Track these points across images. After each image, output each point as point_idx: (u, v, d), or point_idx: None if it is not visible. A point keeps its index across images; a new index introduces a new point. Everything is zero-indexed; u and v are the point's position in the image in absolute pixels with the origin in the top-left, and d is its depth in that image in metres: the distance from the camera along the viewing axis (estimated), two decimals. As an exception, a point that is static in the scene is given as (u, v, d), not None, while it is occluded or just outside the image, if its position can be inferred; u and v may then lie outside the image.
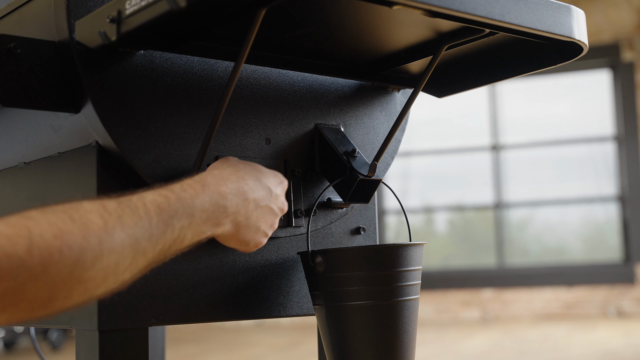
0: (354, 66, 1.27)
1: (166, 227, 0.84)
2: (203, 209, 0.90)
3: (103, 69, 1.03)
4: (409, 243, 1.14)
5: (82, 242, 0.72)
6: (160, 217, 0.83)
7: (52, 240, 0.69)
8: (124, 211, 0.79)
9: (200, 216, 0.90)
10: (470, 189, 7.50)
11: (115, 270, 0.77)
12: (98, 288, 0.76)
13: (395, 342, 1.13)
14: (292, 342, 5.61)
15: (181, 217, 0.87)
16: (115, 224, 0.77)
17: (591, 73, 7.15)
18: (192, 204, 0.89)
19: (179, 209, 0.87)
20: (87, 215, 0.75)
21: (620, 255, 6.89)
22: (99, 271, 0.74)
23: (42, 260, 0.68)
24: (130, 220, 0.79)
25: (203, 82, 1.13)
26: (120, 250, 0.77)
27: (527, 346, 4.72)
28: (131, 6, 0.91)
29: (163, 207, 0.84)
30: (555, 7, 1.07)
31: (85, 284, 0.74)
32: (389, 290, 1.13)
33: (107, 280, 0.77)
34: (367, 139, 1.32)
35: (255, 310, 1.19)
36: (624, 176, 6.84)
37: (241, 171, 1.00)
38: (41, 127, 1.16)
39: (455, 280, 7.11)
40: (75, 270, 0.71)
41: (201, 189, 0.92)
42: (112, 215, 0.77)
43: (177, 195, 0.88)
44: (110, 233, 0.76)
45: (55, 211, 0.73)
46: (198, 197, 0.90)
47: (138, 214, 0.81)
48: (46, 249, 0.68)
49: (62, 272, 0.70)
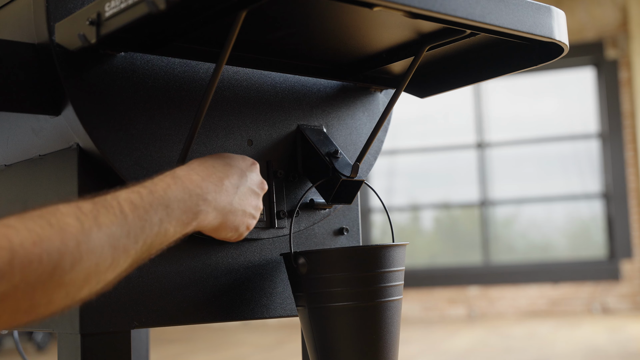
0: (336, 67, 1.27)
1: (143, 222, 0.84)
2: (178, 198, 0.90)
3: (83, 71, 1.03)
4: (392, 244, 1.14)
5: (61, 247, 0.72)
6: (136, 213, 0.83)
7: (31, 248, 0.69)
8: (99, 211, 0.79)
9: (178, 207, 0.90)
10: (456, 186, 7.52)
11: (96, 271, 0.77)
12: (80, 290, 0.76)
13: (379, 343, 1.14)
14: (278, 342, 5.61)
15: (157, 209, 0.86)
16: (91, 224, 0.77)
17: (575, 71, 7.18)
18: (165, 196, 0.89)
19: (153, 202, 0.86)
20: (64, 218, 0.74)
21: (605, 252, 6.93)
22: (79, 273, 0.74)
23: (22, 269, 0.68)
24: (107, 220, 0.79)
25: (184, 84, 1.13)
26: (100, 251, 0.77)
27: (512, 343, 4.74)
28: (110, 8, 0.91)
29: (137, 203, 0.84)
30: (536, 7, 1.07)
31: (66, 288, 0.73)
32: (372, 291, 1.13)
33: (89, 282, 0.76)
34: (350, 140, 1.32)
35: (239, 312, 1.19)
36: (608, 173, 6.87)
37: (208, 160, 1.00)
38: (22, 129, 1.15)
39: (441, 278, 7.13)
40: (54, 275, 0.71)
41: (172, 180, 0.92)
42: (88, 216, 0.77)
43: (149, 190, 0.88)
44: (87, 235, 0.75)
45: (33, 217, 0.73)
46: (170, 189, 0.90)
47: (113, 213, 0.80)
48: (26, 257, 0.68)
49: (41, 278, 0.70)
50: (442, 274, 7.17)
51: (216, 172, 0.98)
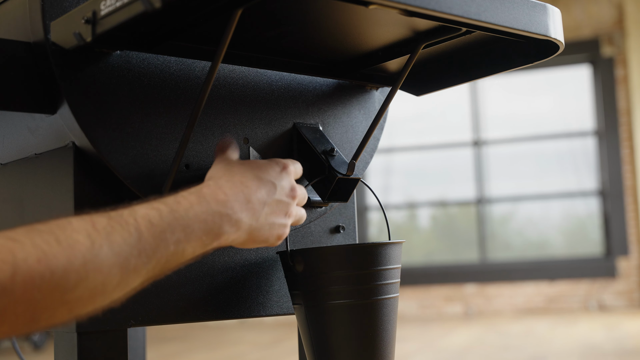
0: (332, 65, 1.27)
1: (159, 242, 0.81)
2: (200, 219, 0.87)
3: (79, 69, 1.03)
4: (388, 242, 1.15)
5: (66, 265, 0.70)
6: (151, 232, 0.81)
7: (35, 264, 0.68)
8: (113, 228, 0.77)
9: (199, 227, 0.87)
10: (453, 184, 7.53)
11: (102, 290, 0.75)
12: (84, 307, 0.75)
13: (375, 341, 1.14)
14: (275, 340, 5.61)
15: (175, 230, 0.84)
16: (102, 242, 0.75)
17: (571, 68, 7.19)
18: (186, 216, 0.86)
19: (172, 222, 0.84)
20: (74, 235, 0.73)
21: (602, 250, 6.94)
22: (84, 292, 0.73)
23: (24, 285, 0.67)
24: (119, 238, 0.77)
25: (180, 82, 1.13)
26: (108, 270, 0.75)
27: (509, 341, 4.74)
28: (106, 7, 0.91)
29: (154, 222, 0.82)
30: (531, 5, 1.07)
31: (69, 305, 0.72)
32: (368, 289, 1.13)
33: (93, 300, 0.75)
34: (346, 138, 1.32)
35: (235, 310, 1.19)
36: (604, 171, 6.88)
37: (237, 175, 0.97)
38: (17, 128, 1.15)
39: (438, 276, 7.14)
40: (57, 293, 0.70)
41: (197, 200, 0.89)
42: (101, 233, 0.75)
43: (170, 208, 0.85)
44: (96, 253, 0.74)
45: (41, 231, 0.71)
46: (193, 209, 0.87)
47: (128, 230, 0.78)
48: (29, 274, 0.67)
49: (44, 295, 0.69)
50: (438, 272, 7.17)
51: (244, 188, 0.95)
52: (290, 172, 1.04)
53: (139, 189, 1.06)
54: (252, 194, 0.96)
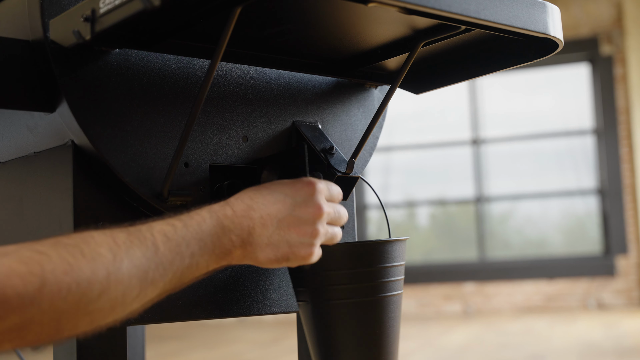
0: (331, 63, 1.27)
1: (174, 255, 0.85)
2: (211, 233, 0.90)
3: (78, 68, 1.03)
4: (393, 239, 1.14)
5: (91, 276, 0.74)
6: (167, 246, 0.84)
7: (62, 276, 0.71)
8: (132, 242, 0.81)
9: (211, 241, 0.90)
10: (452, 183, 7.53)
11: (122, 301, 0.79)
12: (105, 318, 0.78)
13: (380, 338, 1.14)
14: (274, 338, 5.61)
15: (189, 243, 0.87)
16: (123, 256, 0.78)
17: (570, 67, 7.19)
18: (199, 229, 0.89)
19: (187, 235, 0.87)
20: (97, 248, 0.76)
21: (601, 248, 6.94)
22: (105, 303, 0.76)
23: (51, 297, 0.70)
24: (138, 252, 0.81)
25: (179, 81, 1.13)
26: (128, 282, 0.78)
27: (508, 339, 4.75)
28: (105, 5, 0.91)
29: (170, 236, 0.85)
30: (530, 3, 1.07)
31: (91, 315, 0.75)
32: (373, 286, 1.13)
33: (114, 311, 0.79)
34: (345, 136, 1.32)
35: (235, 309, 1.19)
36: (603, 169, 6.89)
37: (249, 192, 0.98)
38: (16, 126, 1.15)
39: (437, 274, 7.14)
40: (81, 304, 0.73)
41: (208, 215, 0.91)
42: (121, 247, 0.79)
43: (184, 223, 0.88)
44: (118, 266, 0.77)
45: (67, 244, 0.74)
46: (205, 222, 0.90)
47: (146, 245, 0.82)
48: (57, 285, 0.70)
49: (69, 306, 0.71)
50: (437, 270, 7.18)
51: (254, 204, 0.96)
52: (319, 190, 1.01)
53: (137, 187, 1.06)
54: (260, 209, 0.96)
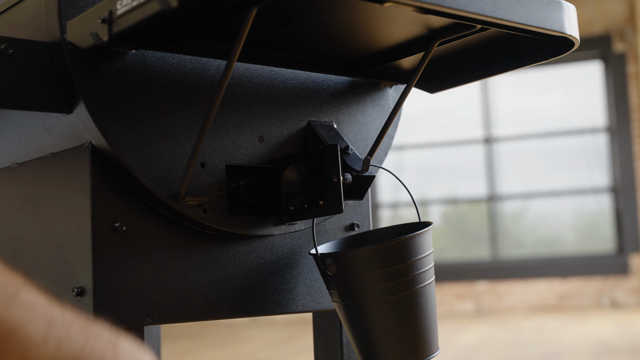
0: (346, 63, 1.27)
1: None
2: None
3: (95, 69, 1.03)
4: (417, 232, 1.13)
5: None
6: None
7: None
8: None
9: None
10: (464, 181, 7.51)
11: None
12: None
13: (416, 329, 1.13)
14: (287, 338, 5.62)
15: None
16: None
17: (583, 64, 7.16)
18: None
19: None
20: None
21: (614, 246, 6.92)
22: None
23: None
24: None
25: (195, 81, 1.13)
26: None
27: (521, 338, 4.74)
28: (122, 6, 0.91)
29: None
30: (547, 2, 1.07)
31: None
32: (404, 282, 1.12)
33: None
34: (360, 136, 1.32)
35: (250, 308, 1.19)
36: (616, 167, 6.86)
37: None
38: (34, 127, 1.16)
39: (449, 273, 7.12)
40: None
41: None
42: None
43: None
44: None
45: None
46: None
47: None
48: None
49: None
50: (450, 269, 7.16)
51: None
52: None
53: (154, 188, 1.06)
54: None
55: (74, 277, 1.07)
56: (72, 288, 1.07)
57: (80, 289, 1.06)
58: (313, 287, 1.27)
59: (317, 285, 1.27)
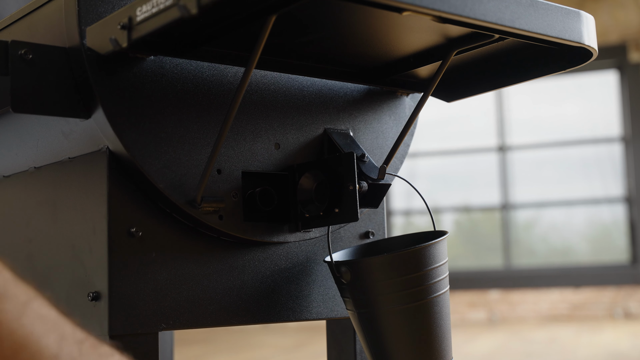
0: (363, 71, 1.27)
1: None
2: None
3: (114, 74, 1.04)
4: (433, 241, 1.13)
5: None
6: None
7: None
8: None
9: None
10: (477, 189, 7.50)
11: None
12: None
13: (430, 338, 1.13)
14: (299, 344, 5.61)
15: None
16: None
17: (598, 74, 7.14)
18: None
19: None
20: None
21: (627, 257, 6.88)
22: None
23: None
24: None
25: (213, 88, 1.13)
26: None
27: (533, 347, 4.71)
28: (142, 13, 0.92)
29: None
30: (565, 12, 1.07)
31: None
32: (418, 291, 1.12)
33: None
34: (376, 144, 1.32)
35: (265, 315, 1.19)
36: (630, 177, 6.83)
37: None
38: (51, 132, 1.16)
39: (461, 282, 7.11)
40: None
41: None
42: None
43: None
44: None
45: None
46: None
47: None
48: None
49: None
50: (462, 278, 7.14)
51: None
52: None
53: (171, 194, 1.07)
54: None
55: (89, 281, 1.08)
56: (87, 292, 1.07)
57: (96, 293, 1.06)
58: (327, 295, 1.26)
59: (331, 292, 1.27)
